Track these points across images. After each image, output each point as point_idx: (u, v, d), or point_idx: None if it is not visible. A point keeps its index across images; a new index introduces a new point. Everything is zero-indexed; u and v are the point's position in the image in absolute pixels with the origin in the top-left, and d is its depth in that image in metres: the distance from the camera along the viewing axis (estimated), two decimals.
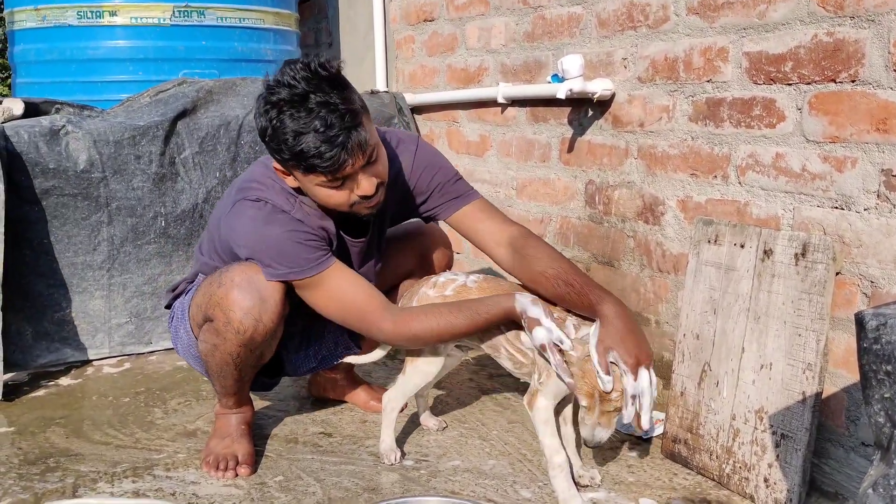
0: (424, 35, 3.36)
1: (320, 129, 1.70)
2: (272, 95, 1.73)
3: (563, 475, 1.80)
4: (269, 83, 1.76)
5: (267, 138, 1.77)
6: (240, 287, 1.86)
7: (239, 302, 1.86)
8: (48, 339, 2.71)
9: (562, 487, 1.79)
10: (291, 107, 1.71)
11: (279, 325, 1.93)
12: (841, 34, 1.75)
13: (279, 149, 1.75)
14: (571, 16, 2.55)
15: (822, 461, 1.83)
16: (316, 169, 1.74)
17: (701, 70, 2.11)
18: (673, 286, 2.26)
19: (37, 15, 3.27)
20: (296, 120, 1.70)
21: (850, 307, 1.77)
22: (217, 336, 1.91)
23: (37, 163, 2.61)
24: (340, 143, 1.71)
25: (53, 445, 2.15)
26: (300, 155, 1.72)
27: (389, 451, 2.03)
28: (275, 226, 1.86)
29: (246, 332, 1.87)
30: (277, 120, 1.72)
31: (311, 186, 1.81)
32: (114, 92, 3.18)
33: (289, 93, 1.71)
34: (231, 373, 1.98)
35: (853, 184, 1.75)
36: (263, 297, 1.86)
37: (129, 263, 2.80)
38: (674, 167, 2.22)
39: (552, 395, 1.83)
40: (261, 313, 1.86)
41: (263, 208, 1.87)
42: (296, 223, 1.87)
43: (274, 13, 3.47)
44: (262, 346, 1.93)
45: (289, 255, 1.85)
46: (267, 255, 1.86)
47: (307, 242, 1.86)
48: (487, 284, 1.96)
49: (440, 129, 3.33)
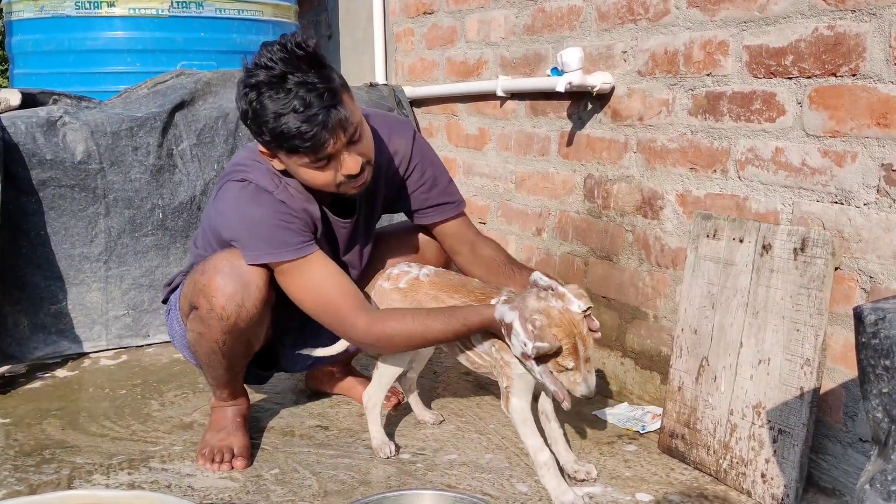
0: (424, 28, 3.35)
1: (300, 108, 1.69)
2: (250, 78, 1.73)
3: (551, 472, 1.78)
4: (248, 66, 1.76)
5: (248, 121, 1.77)
6: (222, 273, 1.86)
7: (221, 288, 1.85)
8: (45, 331, 2.70)
9: (552, 485, 1.78)
10: (270, 88, 1.71)
11: (263, 312, 1.91)
12: (842, 28, 1.74)
13: (260, 131, 1.76)
14: (571, 8, 2.54)
15: (820, 457, 1.82)
16: (298, 149, 1.74)
17: (701, 64, 2.10)
18: (671, 281, 2.26)
19: (35, 5, 3.26)
20: (275, 101, 1.70)
21: (848, 302, 1.76)
22: (202, 324, 1.90)
23: (34, 154, 2.60)
24: (321, 122, 1.71)
25: (49, 437, 2.14)
26: (281, 136, 1.72)
27: (382, 444, 2.03)
28: (257, 206, 1.86)
29: (229, 318, 1.86)
30: (257, 102, 1.72)
31: (295, 168, 1.82)
32: (112, 83, 3.17)
33: (266, 74, 1.71)
34: (220, 362, 1.97)
35: (853, 178, 1.74)
36: (246, 282, 1.85)
37: (126, 255, 2.79)
38: (673, 161, 2.21)
39: (524, 393, 1.82)
40: (243, 299, 1.85)
41: (247, 188, 1.87)
42: (279, 204, 1.86)
43: (273, 5, 3.46)
44: (247, 332, 1.92)
45: (269, 238, 1.84)
46: (248, 236, 1.86)
47: (289, 225, 1.86)
48: (439, 279, 1.98)
49: (439, 122, 3.32)
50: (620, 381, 2.46)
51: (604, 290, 2.51)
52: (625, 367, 2.45)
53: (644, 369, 2.37)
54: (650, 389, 2.35)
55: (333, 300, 1.87)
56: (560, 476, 1.80)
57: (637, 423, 2.20)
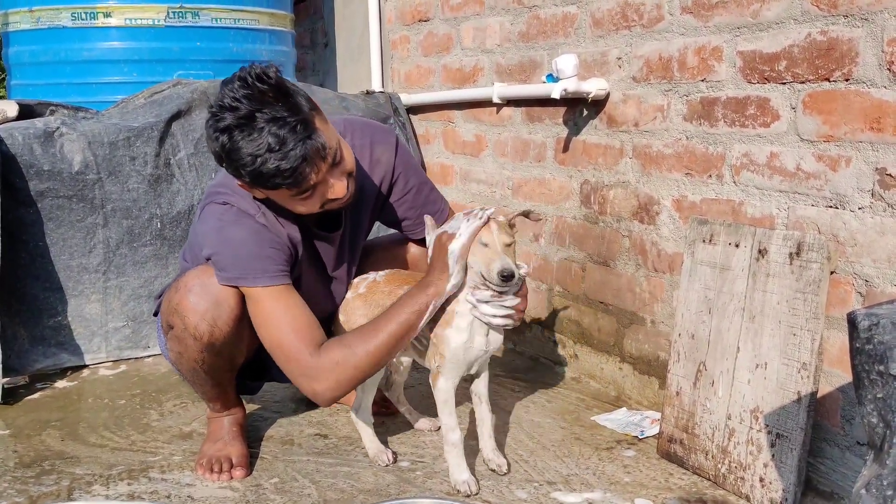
0: (420, 35, 3.36)
1: (275, 147, 1.65)
2: (218, 123, 1.68)
3: (455, 451, 1.90)
4: (213, 109, 1.70)
5: (224, 164, 1.73)
6: (193, 291, 1.85)
7: (193, 306, 1.85)
8: (44, 343, 2.69)
9: (454, 462, 1.90)
10: (240, 130, 1.66)
11: (238, 329, 1.88)
12: (834, 33, 1.75)
13: (238, 173, 1.72)
14: (566, 15, 2.55)
15: (818, 460, 1.83)
16: (280, 186, 1.71)
17: (695, 69, 2.11)
18: (668, 286, 2.26)
19: (31, 17, 3.27)
20: (249, 142, 1.65)
21: (844, 306, 1.76)
22: (179, 343, 1.90)
23: (31, 165, 2.60)
24: (300, 157, 1.66)
25: (49, 448, 2.14)
26: (261, 176, 1.68)
27: (379, 453, 2.04)
28: (237, 228, 1.83)
29: (202, 336, 1.86)
30: (230, 145, 1.67)
31: (281, 199, 1.79)
32: (108, 93, 3.18)
33: (233, 116, 1.66)
34: (204, 379, 1.97)
35: (847, 183, 1.75)
36: (218, 300, 1.84)
37: (125, 266, 2.79)
38: (668, 167, 2.22)
39: (452, 374, 1.88)
40: (215, 318, 1.85)
41: (229, 211, 1.85)
42: (260, 229, 1.84)
43: (269, 14, 3.47)
44: (225, 350, 1.91)
45: (242, 260, 1.82)
46: (224, 257, 1.84)
47: (266, 251, 1.82)
48: (393, 276, 2.05)
49: (436, 129, 3.33)
50: (619, 387, 2.47)
51: (601, 295, 2.52)
52: (623, 373, 2.45)
53: (642, 374, 2.38)
54: (648, 394, 2.35)
55: (283, 342, 1.81)
56: (463, 457, 1.90)
57: (636, 428, 2.20)
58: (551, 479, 1.94)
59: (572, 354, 2.68)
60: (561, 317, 2.72)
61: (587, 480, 1.93)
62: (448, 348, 1.85)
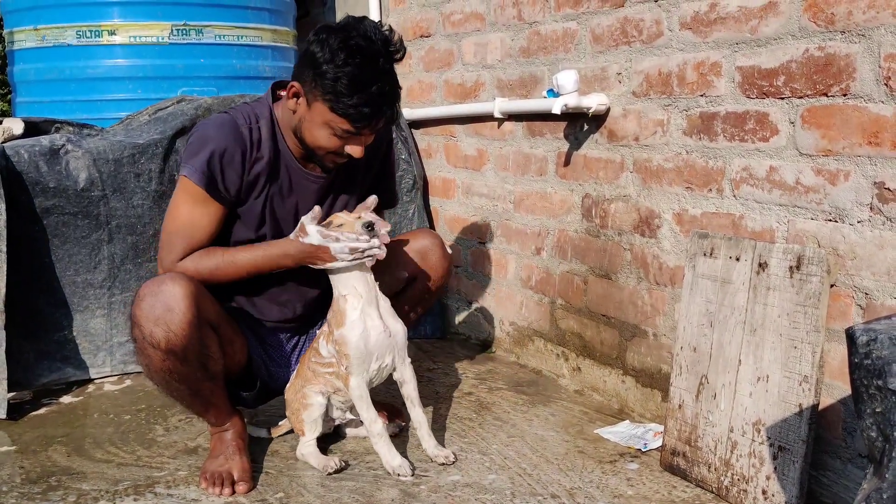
0: (421, 51, 3.38)
1: (376, 93, 1.87)
2: (350, 37, 1.86)
3: (382, 440, 2.04)
4: (350, 26, 1.89)
5: (322, 68, 1.88)
6: (144, 300, 1.89)
7: (146, 315, 1.88)
8: (49, 358, 2.71)
9: (383, 451, 2.04)
10: (364, 58, 1.86)
11: (195, 333, 1.91)
12: (832, 49, 1.77)
13: (326, 83, 1.88)
14: (566, 31, 2.58)
15: (820, 473, 1.84)
16: (346, 116, 1.90)
17: (694, 84, 2.13)
18: (670, 299, 2.27)
19: (36, 35, 3.30)
20: (362, 71, 1.85)
21: (845, 319, 1.78)
22: (142, 355, 1.93)
23: (37, 182, 2.62)
24: (382, 113, 1.91)
25: (55, 464, 2.16)
26: (345, 97, 1.87)
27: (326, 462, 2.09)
28: (213, 129, 2.03)
29: (160, 343, 1.88)
30: (346, 61, 1.85)
31: (318, 120, 1.94)
32: (113, 110, 3.20)
33: (366, 45, 1.86)
34: (180, 389, 1.98)
35: (846, 196, 1.76)
36: (169, 306, 1.87)
37: (129, 281, 2.81)
38: (669, 180, 2.24)
39: (360, 371, 2.02)
40: (168, 323, 1.87)
41: (222, 116, 2.07)
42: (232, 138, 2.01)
43: (272, 30, 3.49)
44: (187, 354, 1.91)
45: (196, 151, 2.01)
46: (194, 149, 2.02)
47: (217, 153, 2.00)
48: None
49: (437, 143, 3.35)
50: (622, 399, 2.48)
51: (603, 308, 2.53)
52: (626, 385, 2.46)
53: (645, 387, 2.39)
54: (651, 407, 2.36)
55: (168, 230, 2.04)
56: (391, 444, 2.05)
57: (639, 440, 2.21)
58: (555, 492, 1.95)
59: (575, 367, 2.69)
60: (563, 329, 2.73)
61: (591, 494, 1.94)
62: (349, 345, 2.00)
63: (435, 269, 2.30)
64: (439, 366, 2.93)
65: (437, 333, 3.31)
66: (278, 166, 2.09)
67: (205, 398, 2.03)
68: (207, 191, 2.01)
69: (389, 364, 2.08)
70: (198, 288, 1.94)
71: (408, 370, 2.11)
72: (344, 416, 2.20)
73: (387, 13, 3.58)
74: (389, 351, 2.06)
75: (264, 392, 2.28)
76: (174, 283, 1.89)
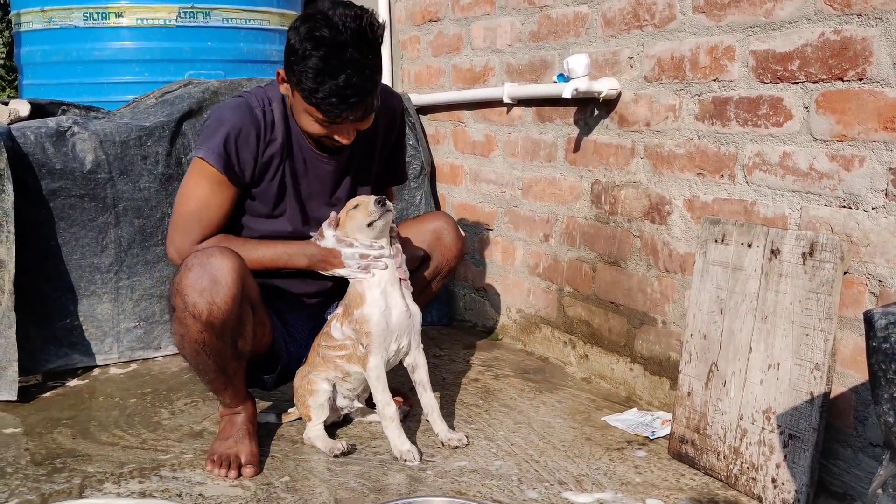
0: (430, 35, 3.36)
1: (341, 83, 1.85)
2: (316, 29, 1.85)
3: (394, 425, 2.04)
4: (320, 15, 1.87)
5: (292, 58, 1.89)
6: (191, 270, 1.90)
7: (192, 284, 1.88)
8: (56, 343, 2.70)
9: (394, 435, 2.03)
10: (327, 48, 1.84)
11: (236, 309, 1.93)
12: (848, 32, 1.74)
13: (296, 73, 1.89)
14: (577, 15, 2.55)
15: (831, 461, 1.82)
16: (316, 106, 1.90)
17: (707, 69, 2.10)
18: (680, 286, 2.26)
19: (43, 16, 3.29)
20: (326, 63, 1.84)
21: (858, 306, 1.76)
22: (180, 324, 1.92)
23: (43, 164, 2.61)
24: (351, 104, 1.88)
25: (60, 446, 2.15)
26: (312, 91, 1.87)
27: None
28: (228, 111, 2.04)
29: (201, 314, 1.88)
30: (310, 53, 1.85)
31: (299, 107, 1.97)
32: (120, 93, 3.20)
33: (332, 35, 1.84)
34: (207, 364, 1.98)
35: (861, 182, 1.74)
36: (215, 278, 1.88)
37: (136, 266, 2.79)
38: (680, 166, 2.22)
39: (380, 351, 2.02)
40: (213, 295, 1.88)
41: (236, 99, 2.09)
42: (247, 121, 2.02)
43: (279, 14, 3.47)
44: (225, 330, 1.93)
45: (212, 133, 2.02)
46: (210, 131, 2.04)
47: (244, 143, 2.02)
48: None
49: (446, 129, 3.33)
50: (630, 387, 2.46)
51: (612, 295, 2.51)
52: (634, 373, 2.45)
53: (653, 375, 2.37)
54: (660, 395, 2.35)
55: (179, 212, 2.07)
56: (401, 429, 2.05)
57: (647, 428, 2.19)
58: (562, 479, 1.94)
59: (583, 355, 2.67)
60: (571, 317, 2.72)
61: (598, 481, 1.93)
62: (371, 322, 2.00)
63: (449, 249, 2.33)
64: (446, 352, 2.92)
65: (444, 320, 3.30)
66: (292, 148, 2.10)
67: (228, 377, 2.03)
68: (224, 172, 2.03)
69: (405, 346, 2.08)
70: (243, 266, 1.96)
71: (421, 355, 2.11)
72: (351, 404, 2.19)
73: None
74: (407, 333, 2.07)
75: (284, 374, 2.28)
76: (223, 256, 1.91)
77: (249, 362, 2.12)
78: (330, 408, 2.14)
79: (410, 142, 3.22)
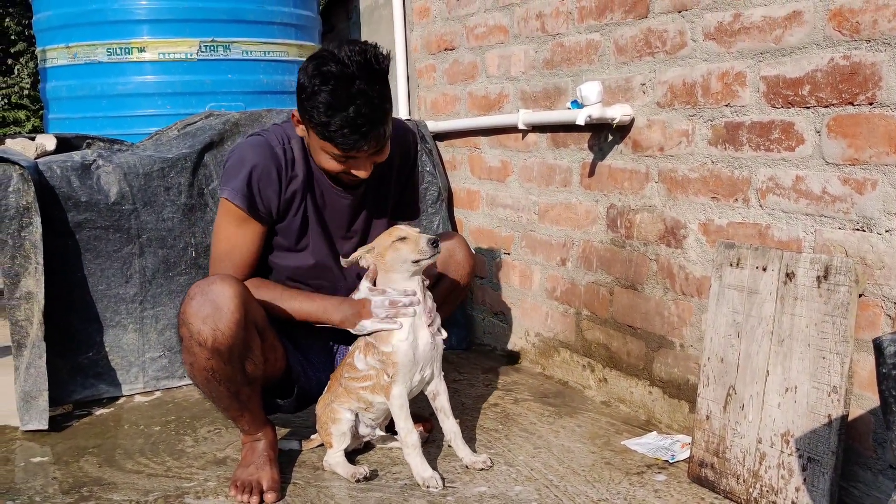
0: (445, 64, 3.41)
1: (352, 114, 1.89)
2: (323, 65, 1.91)
3: (416, 452, 2.05)
4: (326, 52, 1.94)
5: (303, 96, 1.96)
6: (194, 299, 1.93)
7: (195, 313, 1.92)
8: (83, 374, 2.74)
9: (416, 462, 2.05)
10: (336, 82, 1.89)
11: (241, 334, 1.95)
12: (857, 57, 1.76)
13: (308, 110, 1.94)
14: (590, 43, 2.58)
15: (851, 484, 1.82)
16: (332, 141, 1.95)
17: (719, 94, 2.12)
18: (697, 309, 2.27)
19: (68, 52, 3.37)
20: (335, 97, 1.89)
21: (873, 329, 1.76)
22: (188, 353, 1.96)
23: (69, 196, 2.67)
24: (363, 133, 1.92)
25: (87, 474, 2.19)
26: (325, 125, 1.92)
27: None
28: (249, 151, 2.09)
29: (206, 341, 1.91)
30: (319, 88, 1.90)
31: (316, 146, 2.01)
32: (143, 126, 3.26)
33: (339, 69, 1.90)
34: (220, 391, 2.01)
35: (874, 205, 1.75)
36: (217, 304, 1.91)
37: (161, 295, 2.84)
38: (694, 191, 2.23)
39: (404, 380, 2.04)
40: (216, 321, 1.90)
41: (255, 139, 2.13)
42: (268, 158, 2.08)
43: (297, 45, 3.54)
44: (232, 356, 1.95)
45: (235, 173, 2.07)
46: (232, 171, 2.09)
47: (266, 181, 2.07)
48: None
49: (462, 155, 3.37)
50: (649, 410, 2.47)
51: (630, 319, 2.52)
52: (653, 396, 2.45)
53: (672, 398, 2.38)
54: (679, 418, 2.35)
55: (217, 251, 2.14)
56: (423, 457, 2.06)
57: (666, 452, 2.20)
58: None
59: (601, 378, 2.68)
60: (589, 340, 2.73)
61: None
62: (398, 353, 2.02)
63: (462, 266, 2.38)
64: (465, 377, 2.94)
65: (463, 345, 3.32)
66: (312, 184, 2.15)
67: (242, 402, 2.06)
68: (248, 211, 2.09)
69: (428, 375, 2.11)
70: (246, 291, 1.99)
71: (442, 383, 2.14)
72: (373, 432, 2.22)
73: (411, 27, 3.61)
74: (430, 363, 2.09)
75: (303, 398, 2.30)
76: (224, 283, 1.94)
77: (265, 388, 2.15)
78: (352, 436, 2.16)
79: (427, 168, 3.26)
